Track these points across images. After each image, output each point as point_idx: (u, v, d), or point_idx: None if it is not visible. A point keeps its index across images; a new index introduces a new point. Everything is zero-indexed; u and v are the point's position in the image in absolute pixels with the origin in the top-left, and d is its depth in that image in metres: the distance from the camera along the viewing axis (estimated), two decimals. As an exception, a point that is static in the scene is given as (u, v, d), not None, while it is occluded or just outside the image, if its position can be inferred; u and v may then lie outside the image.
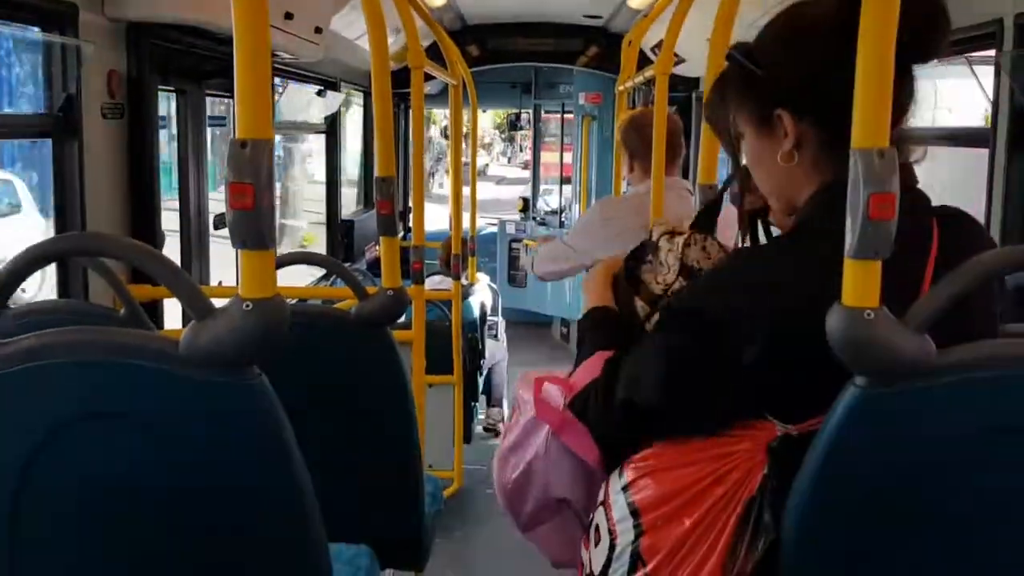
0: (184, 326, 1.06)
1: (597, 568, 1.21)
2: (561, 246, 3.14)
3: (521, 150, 21.31)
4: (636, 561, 1.15)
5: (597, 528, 1.22)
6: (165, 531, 1.13)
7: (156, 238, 2.89)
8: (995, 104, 2.22)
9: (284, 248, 7.20)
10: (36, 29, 2.45)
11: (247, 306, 1.01)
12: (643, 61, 4.45)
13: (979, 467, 1.01)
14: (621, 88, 4.34)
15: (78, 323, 1.35)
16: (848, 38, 0.96)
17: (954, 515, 1.03)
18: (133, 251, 1.07)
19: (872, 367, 0.98)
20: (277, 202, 0.97)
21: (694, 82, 5.83)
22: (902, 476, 1.02)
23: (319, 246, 6.19)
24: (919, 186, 1.18)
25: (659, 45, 3.17)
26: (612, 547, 1.19)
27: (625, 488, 1.19)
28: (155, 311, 2.94)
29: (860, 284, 0.96)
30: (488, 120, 22.02)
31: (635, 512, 1.17)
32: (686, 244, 1.36)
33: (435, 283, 5.05)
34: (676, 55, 4.35)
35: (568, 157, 8.76)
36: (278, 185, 6.44)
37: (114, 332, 1.08)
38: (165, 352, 1.04)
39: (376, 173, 2.10)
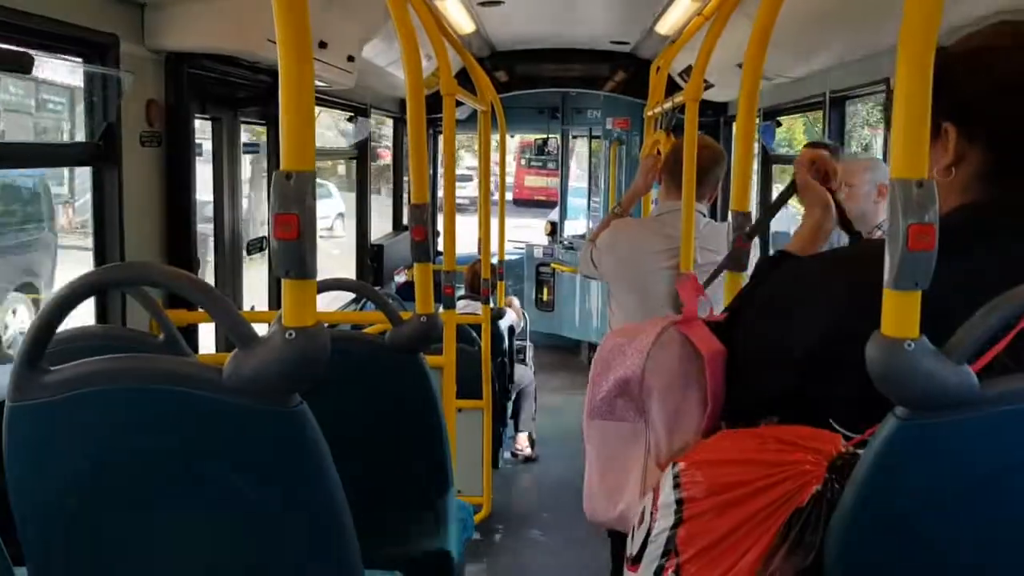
0: (218, 351, 1.08)
1: (634, 551, 1.21)
2: (588, 249, 3.16)
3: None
4: (670, 548, 1.14)
5: (643, 512, 1.22)
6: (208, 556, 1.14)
7: (192, 264, 2.93)
8: None
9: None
10: (79, 60, 2.52)
11: (290, 335, 1.03)
12: (671, 86, 4.47)
13: (1020, 500, 1.00)
14: (650, 114, 4.36)
15: (118, 349, 1.38)
16: (985, 66, 0.96)
17: (993, 548, 1.02)
18: (180, 281, 1.09)
19: (912, 399, 0.98)
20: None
21: (722, 107, 5.83)
22: (943, 508, 1.01)
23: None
24: None
25: (687, 70, 3.19)
26: (650, 531, 1.18)
27: (677, 475, 1.18)
28: (190, 335, 2.97)
29: (900, 314, 0.96)
30: (512, 143, 22.00)
31: (679, 500, 1.16)
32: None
33: (462, 307, 5.07)
34: (705, 80, 4.37)
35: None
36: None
37: (159, 360, 1.10)
38: (210, 379, 1.05)
39: (412, 200, 2.12)
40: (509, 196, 20.96)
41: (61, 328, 1.13)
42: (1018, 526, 1.01)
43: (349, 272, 5.70)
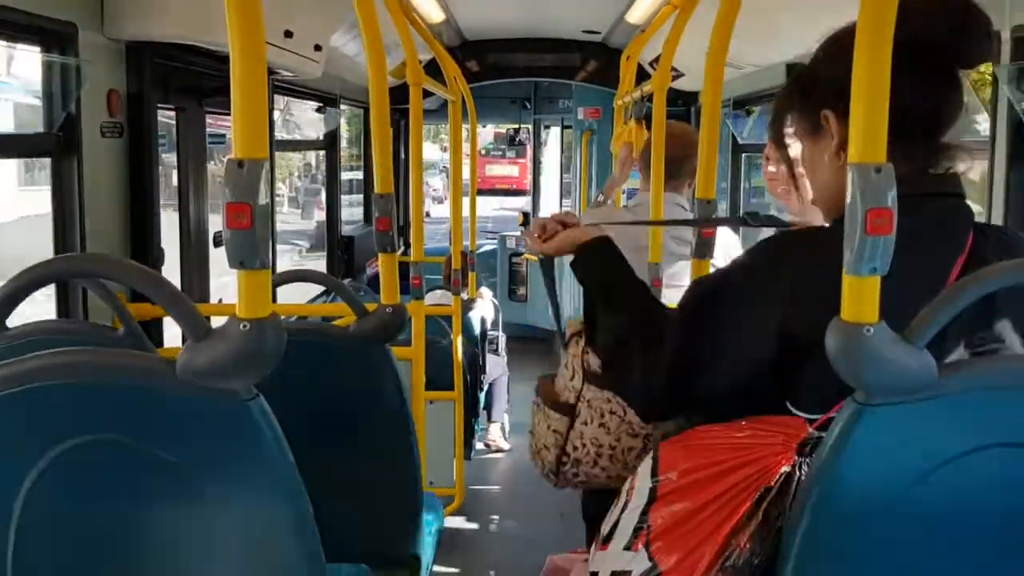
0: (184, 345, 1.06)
1: (607, 528, 1.23)
2: None
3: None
4: (641, 525, 1.17)
5: (621, 494, 1.25)
6: (164, 550, 1.12)
7: (155, 256, 2.88)
8: (993, 116, 2.23)
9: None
10: (36, 49, 2.46)
11: (244, 326, 1.01)
12: (642, 75, 4.46)
13: (978, 483, 1.01)
14: (619, 103, 4.35)
15: (76, 343, 1.35)
16: (909, 51, 0.98)
17: (952, 530, 1.03)
18: (130, 272, 1.07)
19: (871, 383, 0.98)
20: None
21: (693, 96, 5.84)
22: (901, 491, 1.02)
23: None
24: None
25: (657, 60, 3.18)
26: (625, 507, 1.21)
27: (655, 458, 1.21)
28: (157, 330, 2.93)
29: (859, 300, 0.96)
30: (486, 134, 22.07)
31: (655, 479, 1.19)
32: (584, 351, 1.54)
33: (436, 298, 5.04)
34: (675, 69, 4.36)
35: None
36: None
37: (110, 353, 1.08)
38: (161, 373, 1.03)
39: (376, 190, 2.09)
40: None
41: (20, 322, 1.11)
42: (977, 508, 1.02)
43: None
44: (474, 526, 4.33)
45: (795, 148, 1.36)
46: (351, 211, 6.63)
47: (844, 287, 0.96)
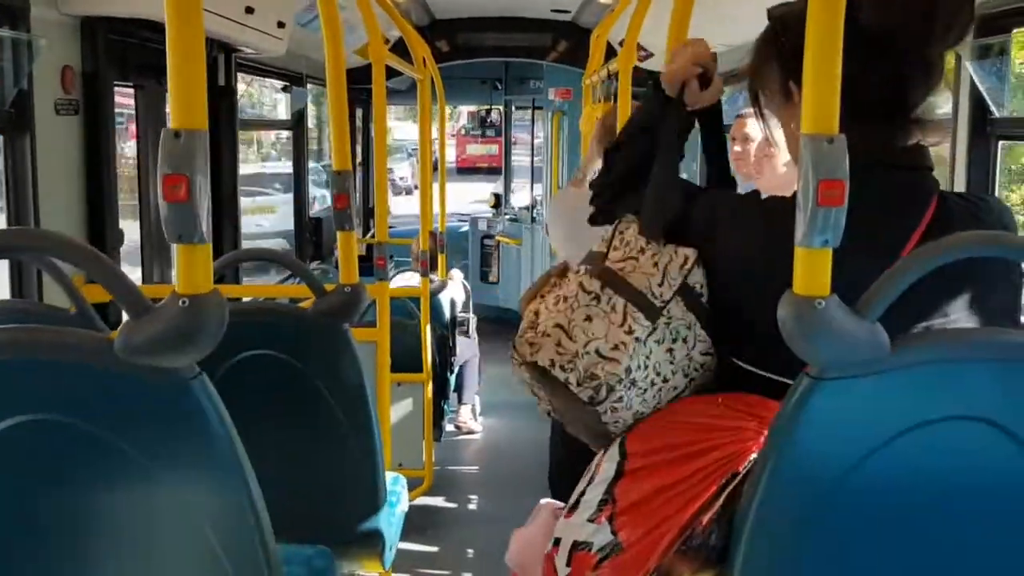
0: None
1: (574, 498, 1.22)
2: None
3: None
4: (607, 499, 1.16)
5: (589, 467, 1.24)
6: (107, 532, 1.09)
7: (113, 237, 2.83)
8: (955, 93, 2.23)
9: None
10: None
11: (184, 303, 0.98)
12: (611, 55, 4.44)
13: (930, 456, 1.00)
14: (587, 82, 4.33)
15: (24, 323, 1.31)
16: (849, 17, 0.96)
17: (904, 503, 1.02)
18: (64, 247, 1.04)
19: (823, 358, 0.97)
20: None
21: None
22: (854, 464, 1.01)
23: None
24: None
25: (625, 38, 3.15)
26: (592, 479, 1.20)
27: (624, 439, 1.20)
28: (114, 314, 2.88)
29: (811, 273, 0.95)
30: (464, 114, 22.11)
31: (623, 454, 1.18)
32: (696, 263, 1.27)
33: (406, 279, 5.01)
34: (644, 48, 4.34)
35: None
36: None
37: (46, 331, 1.05)
38: (99, 350, 1.00)
39: (333, 167, 2.06)
40: (452, 164, 21.45)
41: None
42: (929, 480, 1.02)
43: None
44: (444, 507, 4.32)
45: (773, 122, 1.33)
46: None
47: (796, 259, 0.95)
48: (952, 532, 1.04)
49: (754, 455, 1.10)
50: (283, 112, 5.95)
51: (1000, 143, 2.36)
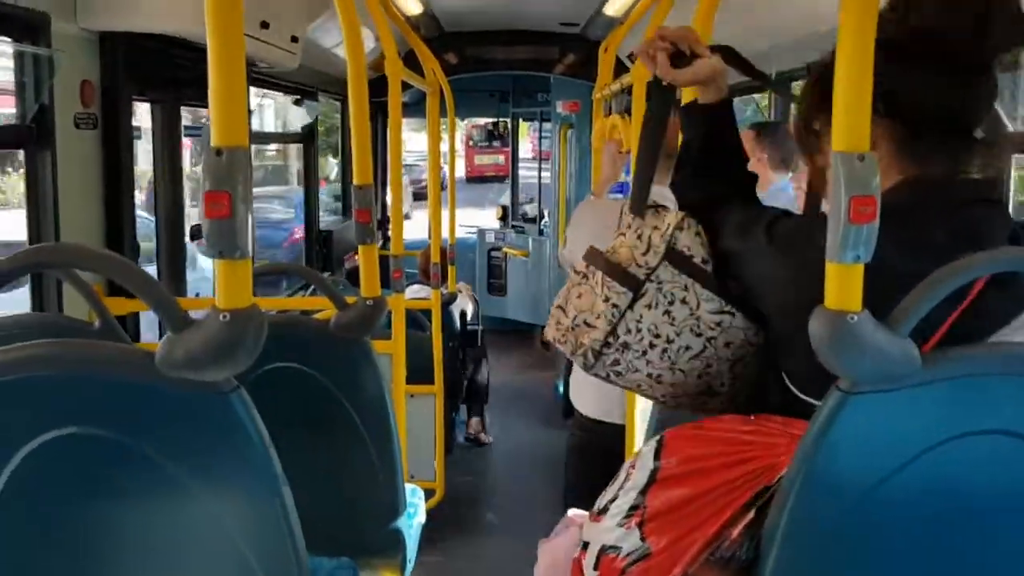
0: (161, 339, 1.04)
1: (604, 501, 1.23)
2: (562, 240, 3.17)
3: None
4: (638, 504, 1.17)
5: (621, 470, 1.25)
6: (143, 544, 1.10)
7: (131, 249, 2.85)
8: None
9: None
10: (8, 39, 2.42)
11: (224, 317, 1.00)
12: (620, 68, 4.46)
13: (961, 471, 1.01)
14: (598, 96, 4.35)
15: (51, 337, 1.32)
16: (924, 42, 0.96)
17: (932, 517, 1.03)
18: (106, 263, 1.05)
19: (855, 372, 0.98)
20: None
21: (672, 88, 5.84)
22: (883, 478, 1.02)
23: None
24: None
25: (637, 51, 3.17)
26: (623, 485, 1.21)
27: (660, 441, 1.21)
28: (133, 325, 2.90)
29: (843, 287, 0.96)
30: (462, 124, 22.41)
31: (657, 463, 1.19)
32: (678, 227, 1.32)
33: (414, 292, 5.03)
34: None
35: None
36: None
37: (88, 344, 1.06)
38: (140, 364, 1.02)
39: (354, 181, 2.08)
40: (461, 174, 21.80)
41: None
42: (959, 496, 1.02)
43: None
44: (456, 519, 4.32)
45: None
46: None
47: (828, 274, 0.96)
48: (982, 546, 1.05)
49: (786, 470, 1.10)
50: (270, 125, 5.98)
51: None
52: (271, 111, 5.64)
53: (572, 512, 1.57)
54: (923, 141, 1.07)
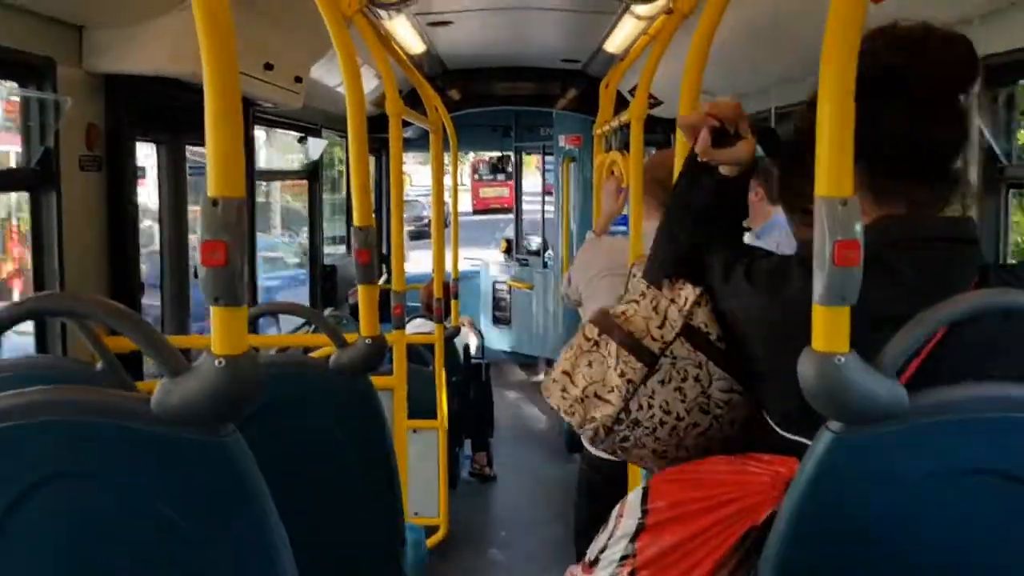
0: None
1: (594, 553, 1.23)
2: (565, 277, 3.18)
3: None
4: (628, 553, 1.17)
5: (609, 520, 1.25)
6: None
7: (135, 290, 2.88)
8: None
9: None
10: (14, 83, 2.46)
11: (219, 363, 1.01)
12: (621, 103, 4.50)
13: (949, 509, 1.02)
14: (599, 131, 4.39)
15: (53, 380, 1.34)
16: (890, 88, 0.97)
17: (922, 556, 1.04)
18: (101, 310, 1.07)
19: (844, 413, 0.99)
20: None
21: (672, 124, 5.88)
22: (876, 518, 1.03)
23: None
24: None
25: (636, 88, 3.21)
26: (613, 533, 1.21)
27: (646, 489, 1.21)
28: (136, 363, 2.91)
29: (830, 330, 0.97)
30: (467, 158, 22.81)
31: (644, 509, 1.19)
32: (696, 303, 1.27)
33: (416, 326, 5.04)
34: (654, 97, 4.39)
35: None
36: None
37: (84, 391, 1.07)
38: (135, 411, 1.03)
39: (355, 223, 2.10)
40: (468, 207, 22.14)
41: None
42: (947, 533, 1.03)
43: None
44: (460, 556, 4.30)
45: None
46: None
47: (815, 317, 0.97)
48: None
49: (773, 509, 1.11)
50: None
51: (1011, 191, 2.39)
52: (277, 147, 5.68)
53: (571, 569, 1.56)
54: (891, 180, 1.09)
